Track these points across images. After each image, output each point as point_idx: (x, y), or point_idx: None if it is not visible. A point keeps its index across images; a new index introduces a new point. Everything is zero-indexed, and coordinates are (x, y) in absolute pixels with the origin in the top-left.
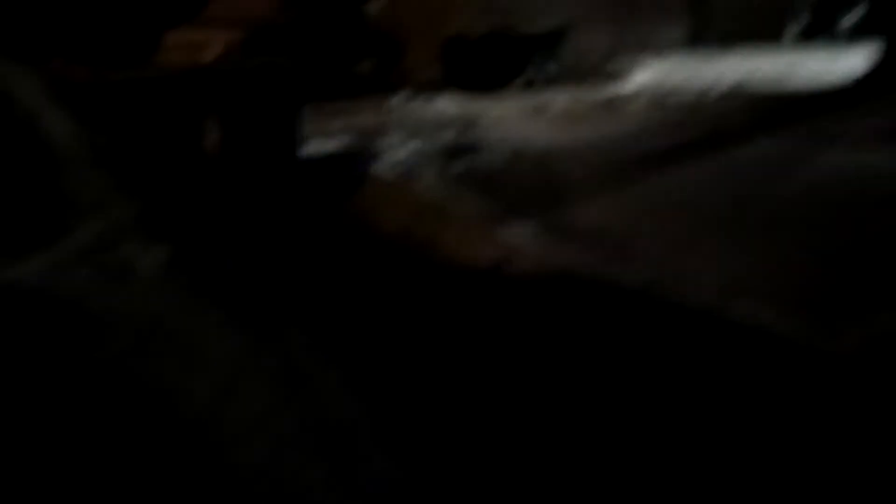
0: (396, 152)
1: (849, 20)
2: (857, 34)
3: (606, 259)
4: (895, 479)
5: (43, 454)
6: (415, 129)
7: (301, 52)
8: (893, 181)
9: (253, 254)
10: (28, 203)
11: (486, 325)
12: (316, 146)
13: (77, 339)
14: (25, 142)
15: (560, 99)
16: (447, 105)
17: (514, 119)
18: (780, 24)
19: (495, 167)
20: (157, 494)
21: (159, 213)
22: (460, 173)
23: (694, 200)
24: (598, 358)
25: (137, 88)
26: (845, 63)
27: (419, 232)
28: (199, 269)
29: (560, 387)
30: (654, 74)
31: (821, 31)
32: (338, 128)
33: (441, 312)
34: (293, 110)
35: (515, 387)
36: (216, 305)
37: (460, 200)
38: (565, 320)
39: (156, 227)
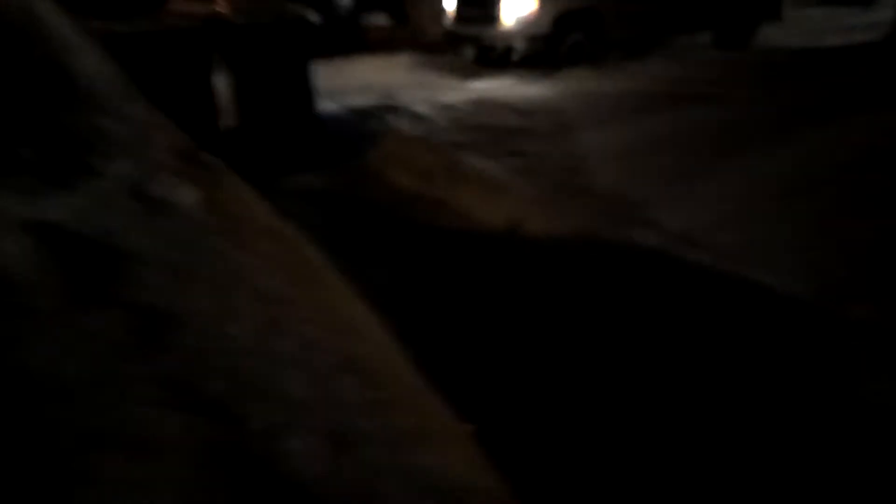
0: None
1: None
2: None
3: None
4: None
5: None
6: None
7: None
8: None
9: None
10: (62, 138)
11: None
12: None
13: (106, 278)
14: (56, 76)
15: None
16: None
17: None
18: None
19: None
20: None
21: (191, 151)
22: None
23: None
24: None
25: (145, 41)
26: None
27: (433, 190)
28: (234, 207)
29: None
30: None
31: None
32: (353, 84)
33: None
34: (305, 62)
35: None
36: (252, 243)
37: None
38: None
39: (189, 165)
